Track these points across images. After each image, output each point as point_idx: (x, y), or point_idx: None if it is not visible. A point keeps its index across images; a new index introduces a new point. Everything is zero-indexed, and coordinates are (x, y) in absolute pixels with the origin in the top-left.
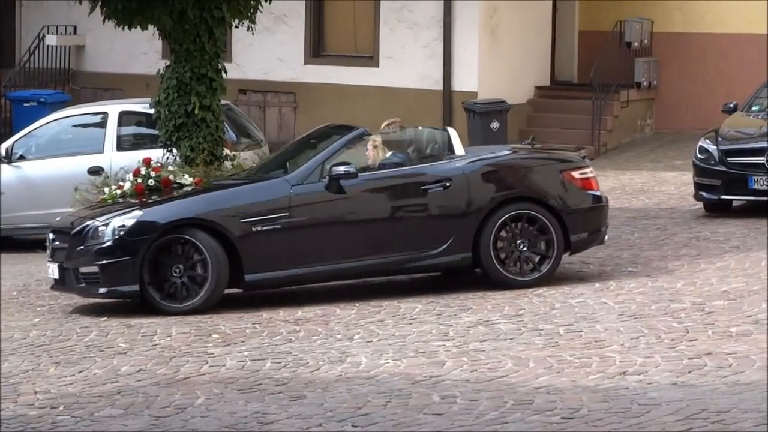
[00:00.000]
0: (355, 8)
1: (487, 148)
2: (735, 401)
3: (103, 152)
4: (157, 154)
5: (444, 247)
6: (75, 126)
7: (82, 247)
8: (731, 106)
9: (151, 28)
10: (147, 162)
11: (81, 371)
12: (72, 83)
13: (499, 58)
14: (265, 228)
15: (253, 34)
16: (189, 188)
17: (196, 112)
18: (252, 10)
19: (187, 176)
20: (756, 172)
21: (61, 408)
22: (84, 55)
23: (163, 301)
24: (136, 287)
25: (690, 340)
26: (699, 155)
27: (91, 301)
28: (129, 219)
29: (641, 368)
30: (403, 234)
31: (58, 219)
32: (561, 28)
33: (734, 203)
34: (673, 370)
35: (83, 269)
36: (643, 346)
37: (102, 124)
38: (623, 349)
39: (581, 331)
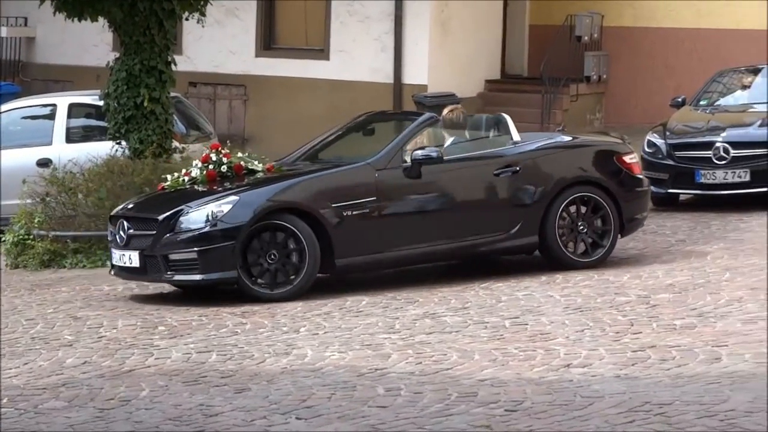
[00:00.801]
0: (306, 2)
1: (541, 134)
2: (677, 394)
3: (52, 144)
4: (106, 147)
5: (515, 230)
6: (24, 118)
7: (171, 233)
8: (679, 100)
9: (101, 20)
10: (217, 147)
11: (26, 363)
12: (22, 75)
13: (449, 52)
14: (355, 213)
15: (203, 26)
16: (261, 174)
17: (146, 104)
18: (202, 3)
19: (257, 162)
20: (703, 166)
21: (5, 400)
22: (35, 47)
23: (258, 288)
24: (234, 273)
25: (634, 333)
26: (647, 149)
27: (36, 293)
28: (226, 204)
29: (585, 361)
30: (478, 218)
31: (124, 207)
32: (511, 22)
33: (681, 197)
34: (617, 363)
35: (174, 256)
36: (587, 338)
37: (51, 116)
38: (568, 342)
39: (527, 324)
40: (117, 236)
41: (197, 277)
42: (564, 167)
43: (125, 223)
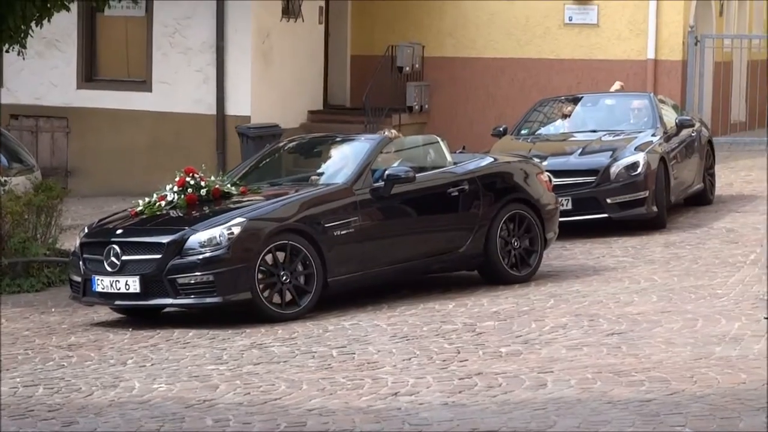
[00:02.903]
0: (127, 33)
1: (467, 156)
2: (504, 420)
3: None
4: None
5: (465, 246)
6: None
7: (179, 257)
8: (501, 129)
9: None
10: (191, 171)
11: None
12: None
13: (271, 83)
14: (342, 232)
15: (24, 58)
16: (237, 197)
17: None
18: (23, 35)
19: (229, 185)
20: None
21: None
22: None
23: (274, 308)
24: (248, 294)
25: (461, 361)
26: None
27: None
28: (235, 227)
29: (413, 389)
30: (439, 235)
31: (108, 232)
32: (333, 52)
33: None
34: (444, 391)
35: (184, 280)
36: (415, 366)
37: None
38: (395, 371)
39: (354, 353)
40: (106, 262)
41: (215, 299)
42: (501, 186)
43: (116, 248)
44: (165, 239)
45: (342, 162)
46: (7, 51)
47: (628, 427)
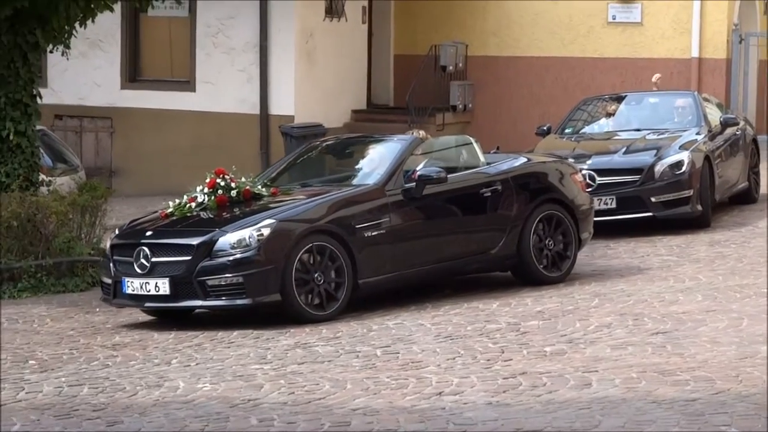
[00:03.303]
0: (171, 33)
1: (501, 156)
2: (549, 420)
3: None
4: None
5: (498, 247)
6: None
7: (209, 258)
8: (544, 128)
9: None
10: (222, 172)
11: None
12: None
13: (315, 82)
14: (373, 233)
15: (68, 59)
16: (268, 198)
17: (11, 137)
18: (67, 35)
19: (260, 187)
20: None
21: None
22: None
23: (309, 309)
24: (278, 296)
25: (505, 360)
26: None
27: None
28: (265, 228)
29: (457, 389)
30: (472, 235)
31: (139, 234)
32: (377, 52)
33: None
34: (488, 390)
35: (214, 281)
36: (459, 366)
37: None
38: (440, 370)
39: (398, 353)
40: (136, 264)
41: (245, 301)
42: (535, 186)
43: (146, 250)
44: (195, 241)
45: (373, 163)
46: (51, 51)
47: (673, 427)
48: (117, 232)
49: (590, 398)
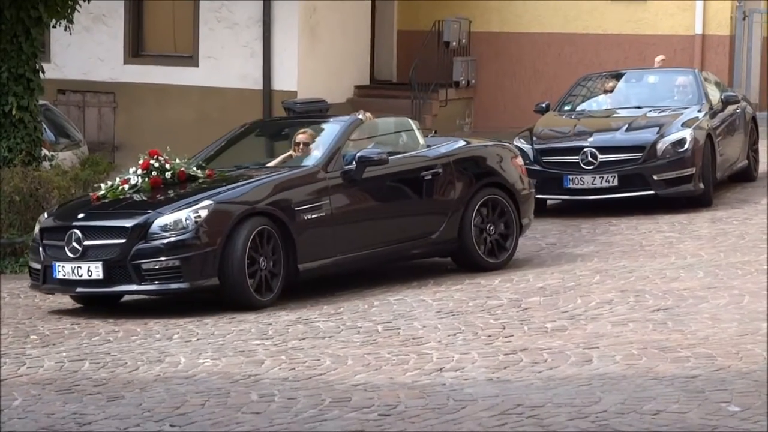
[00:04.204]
0: (174, 8)
1: (440, 139)
2: (549, 396)
3: None
4: None
5: (439, 232)
6: None
7: (144, 241)
8: (543, 105)
9: None
10: (155, 153)
11: None
12: None
13: (318, 58)
14: (313, 216)
15: (71, 34)
16: (203, 180)
17: (14, 112)
18: (70, 10)
19: (195, 168)
20: (571, 171)
21: None
22: None
23: (255, 294)
24: (216, 280)
25: (506, 336)
26: None
27: None
28: (202, 210)
29: (458, 365)
30: (413, 219)
31: (69, 217)
32: (380, 27)
33: (548, 202)
34: (489, 366)
35: (149, 265)
36: (460, 342)
37: None
38: (440, 346)
39: (399, 329)
40: (68, 248)
41: (182, 285)
42: (475, 170)
43: (78, 233)
44: (129, 223)
45: (312, 144)
46: (54, 26)
47: (674, 403)
48: (46, 215)
49: (591, 374)
